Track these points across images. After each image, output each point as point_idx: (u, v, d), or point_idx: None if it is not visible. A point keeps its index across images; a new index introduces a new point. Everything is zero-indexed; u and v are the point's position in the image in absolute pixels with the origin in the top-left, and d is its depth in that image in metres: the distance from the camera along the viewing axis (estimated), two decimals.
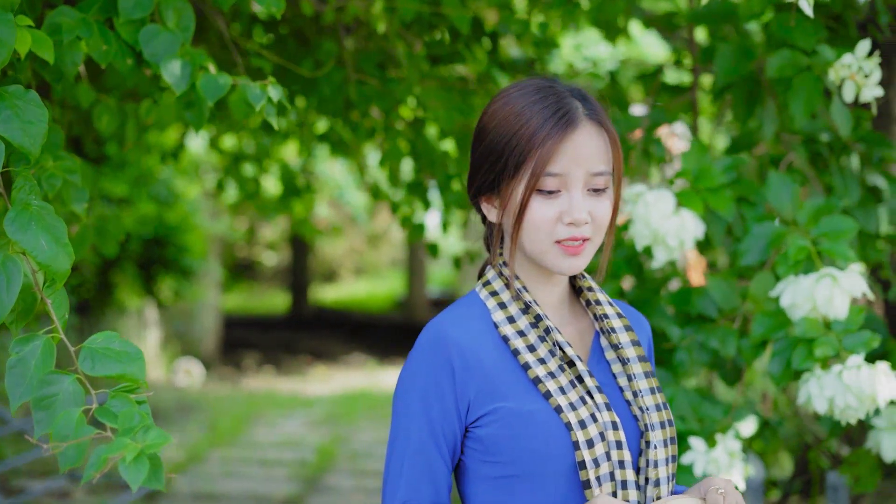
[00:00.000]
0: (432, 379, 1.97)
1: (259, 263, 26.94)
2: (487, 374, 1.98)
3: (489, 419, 1.97)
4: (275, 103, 2.39)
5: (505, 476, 1.97)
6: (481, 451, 1.99)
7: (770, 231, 3.01)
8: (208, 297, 15.25)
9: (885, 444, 3.23)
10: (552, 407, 1.96)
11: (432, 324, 2.02)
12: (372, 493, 8.32)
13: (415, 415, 1.98)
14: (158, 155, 6.49)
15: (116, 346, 1.75)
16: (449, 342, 1.98)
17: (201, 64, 2.34)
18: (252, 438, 10.48)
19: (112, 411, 1.66)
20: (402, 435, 2.00)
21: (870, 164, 3.70)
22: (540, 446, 1.95)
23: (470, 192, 2.09)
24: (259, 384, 14.15)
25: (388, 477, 2.01)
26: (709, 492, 1.97)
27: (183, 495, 8.18)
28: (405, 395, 2.00)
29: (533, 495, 1.97)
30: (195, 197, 12.71)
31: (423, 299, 20.83)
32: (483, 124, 2.05)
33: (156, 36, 2.33)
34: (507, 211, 2.02)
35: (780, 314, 2.88)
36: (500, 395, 1.97)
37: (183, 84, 2.31)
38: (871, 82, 3.08)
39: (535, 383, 1.98)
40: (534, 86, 2.04)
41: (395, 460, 2.00)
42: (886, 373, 2.70)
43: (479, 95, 4.10)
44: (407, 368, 2.02)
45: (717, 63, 3.33)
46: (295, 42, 4.34)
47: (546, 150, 1.95)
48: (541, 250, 2.01)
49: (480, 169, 2.04)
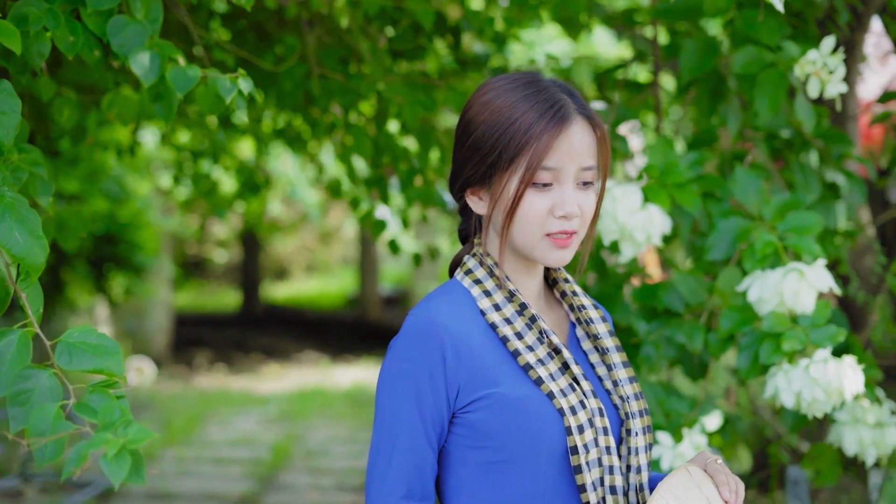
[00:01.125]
0: (425, 366, 1.95)
1: (210, 261, 26.77)
2: (477, 360, 1.98)
3: (481, 404, 1.96)
4: (245, 96, 2.37)
5: (492, 462, 1.97)
6: (469, 436, 1.98)
7: (736, 226, 3.02)
8: (160, 295, 15.12)
9: (847, 438, 3.26)
10: (544, 393, 1.97)
11: (420, 310, 2.00)
12: (328, 491, 8.29)
13: (406, 404, 1.96)
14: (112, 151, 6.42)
15: (93, 340, 1.72)
16: (440, 328, 1.96)
17: (170, 56, 2.32)
18: (206, 437, 10.41)
19: (91, 406, 1.64)
20: (391, 426, 1.97)
21: (828, 160, 3.73)
22: (533, 431, 1.96)
23: (456, 183, 2.08)
24: (211, 382, 14.06)
25: (377, 470, 1.97)
26: (708, 463, 2.05)
27: (137, 495, 8.10)
28: (394, 383, 1.97)
29: (520, 480, 1.97)
30: (147, 194, 12.60)
31: (375, 297, 20.78)
32: (471, 116, 2.03)
33: (124, 27, 2.30)
34: (498, 203, 2.01)
35: (747, 309, 2.90)
36: (491, 381, 1.97)
37: (152, 76, 2.28)
38: (836, 78, 3.10)
39: (525, 370, 1.99)
40: (522, 79, 2.05)
41: (384, 453, 1.97)
42: (853, 366, 2.73)
43: (442, 91, 4.08)
44: (395, 356, 1.99)
45: (682, 59, 3.33)
46: (254, 36, 4.31)
47: (542, 143, 1.96)
48: (531, 242, 2.02)
49: (469, 161, 2.03)
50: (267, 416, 11.59)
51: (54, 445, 1.59)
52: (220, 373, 14.98)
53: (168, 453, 9.52)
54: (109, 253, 11.44)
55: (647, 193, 3.02)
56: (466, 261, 2.09)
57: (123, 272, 11.83)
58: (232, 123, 5.80)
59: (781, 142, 3.72)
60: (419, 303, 2.05)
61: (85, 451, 1.52)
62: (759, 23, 3.17)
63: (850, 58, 4.91)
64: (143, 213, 11.69)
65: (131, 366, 13.16)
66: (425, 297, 2.07)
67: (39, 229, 1.76)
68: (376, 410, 2.00)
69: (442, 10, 3.96)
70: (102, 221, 11.05)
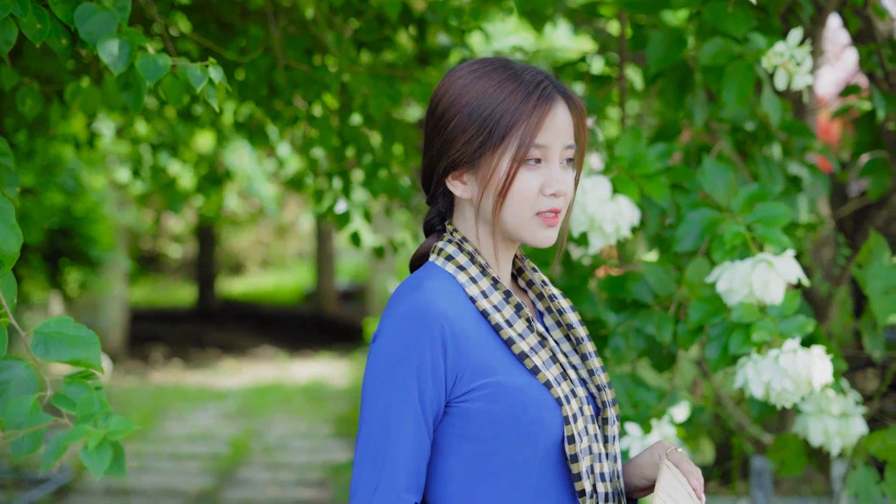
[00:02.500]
0: (426, 352, 1.90)
1: (165, 256, 26.59)
2: (474, 348, 1.94)
3: (478, 394, 1.92)
4: (216, 85, 2.34)
5: (485, 452, 1.94)
6: (462, 426, 1.94)
7: (705, 217, 3.03)
8: (115, 290, 14.99)
9: (812, 428, 3.28)
10: (541, 382, 1.95)
11: (414, 295, 1.95)
12: (288, 486, 8.26)
13: (407, 392, 1.89)
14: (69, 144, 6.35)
15: (70, 330, 1.68)
16: (439, 315, 1.91)
17: (139, 44, 2.28)
18: (163, 432, 10.34)
19: (69, 398, 1.61)
20: (391, 415, 1.89)
21: (791, 153, 3.75)
22: (533, 420, 1.93)
23: (436, 169, 2.04)
24: (167, 378, 13.97)
25: (376, 461, 1.89)
26: (670, 452, 2.06)
27: (95, 491, 8.04)
28: (391, 371, 1.91)
29: (513, 469, 1.95)
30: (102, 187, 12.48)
31: (332, 291, 20.73)
32: (451, 99, 2.00)
33: (92, 15, 2.26)
34: (489, 184, 1.98)
35: (716, 300, 2.90)
36: (488, 370, 1.93)
37: (121, 64, 2.25)
38: (803, 70, 3.12)
39: (520, 359, 1.96)
40: (498, 62, 2.03)
41: (385, 442, 1.89)
42: (821, 357, 2.74)
43: (407, 83, 4.07)
44: (391, 345, 1.92)
45: (650, 51, 3.34)
46: (216, 27, 4.27)
47: (533, 120, 1.95)
48: (521, 222, 2.00)
49: (453, 143, 1.99)
50: (225, 411, 11.53)
51: (31, 438, 1.57)
52: (176, 368, 14.88)
53: (125, 449, 9.42)
54: (64, 247, 11.33)
55: (616, 185, 3.02)
56: (444, 247, 2.04)
57: (78, 267, 11.72)
58: (192, 116, 5.75)
59: (745, 134, 3.73)
60: (405, 287, 1.99)
61: (65, 444, 1.50)
62: (726, 14, 3.17)
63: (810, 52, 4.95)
64: (99, 207, 11.58)
65: None
66: (409, 281, 2.01)
67: (13, 218, 1.73)
68: (369, 400, 1.93)
69: (407, 2, 3.94)
70: (57, 215, 10.93)
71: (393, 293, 2.00)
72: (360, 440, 1.92)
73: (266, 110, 4.69)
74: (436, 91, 2.06)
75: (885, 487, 3.43)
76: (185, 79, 2.31)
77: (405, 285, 2.00)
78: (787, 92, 4.35)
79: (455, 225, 2.08)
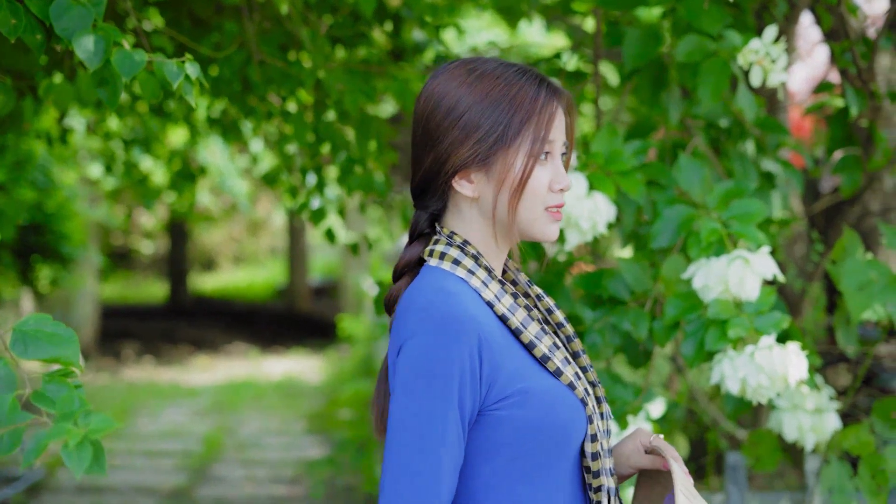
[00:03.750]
0: (466, 362, 1.85)
1: (137, 252, 26.47)
2: (504, 355, 1.91)
3: (511, 400, 1.90)
4: (192, 81, 2.33)
5: (517, 457, 1.92)
6: (496, 433, 1.91)
7: (680, 214, 3.03)
8: (86, 286, 14.92)
9: (787, 424, 3.30)
10: (564, 384, 1.96)
11: (445, 302, 1.89)
12: (262, 483, 8.24)
13: (449, 402, 1.84)
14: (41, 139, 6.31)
15: (49, 328, 1.67)
16: (474, 321, 1.87)
17: (115, 40, 2.27)
18: (135, 429, 10.30)
19: (48, 396, 1.60)
20: (433, 426, 1.84)
21: (765, 149, 3.77)
22: (565, 422, 1.94)
23: (444, 169, 1.98)
24: (139, 374, 13.92)
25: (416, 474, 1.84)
26: (653, 440, 2.13)
27: (67, 488, 8.01)
28: (433, 380, 1.85)
29: (545, 472, 1.95)
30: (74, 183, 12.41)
31: (304, 288, 20.70)
32: (457, 98, 1.96)
33: (67, 10, 2.25)
34: (505, 181, 1.96)
35: (692, 296, 2.91)
36: (518, 376, 1.91)
37: (97, 60, 2.23)
38: (778, 67, 3.13)
39: (542, 361, 1.96)
40: (492, 60, 2.02)
41: (425, 454, 1.84)
42: (797, 353, 2.75)
43: (383, 79, 4.06)
44: (430, 352, 1.86)
45: (625, 48, 3.34)
46: (190, 23, 4.25)
47: (544, 116, 1.96)
48: (532, 218, 2.00)
49: (464, 143, 1.95)
50: (197, 407, 11.50)
51: (10, 436, 1.55)
52: (148, 365, 14.83)
53: None
54: (35, 243, 11.26)
55: (592, 181, 3.02)
56: (446, 250, 1.99)
57: (50, 263, 11.65)
58: (165, 111, 5.73)
59: (719, 131, 3.75)
60: (427, 292, 1.93)
61: (45, 442, 1.49)
62: (701, 12, 3.19)
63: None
64: (70, 203, 11.52)
65: None
66: (426, 286, 1.95)
67: None
68: (406, 408, 1.86)
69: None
70: (28, 211, 10.86)
71: (411, 298, 1.94)
72: (396, 449, 1.86)
73: (240, 106, 4.68)
74: (432, 91, 2.02)
75: (858, 482, 3.45)
76: (162, 75, 2.30)
77: (424, 290, 1.94)
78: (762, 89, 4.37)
79: (451, 227, 2.04)
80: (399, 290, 2.04)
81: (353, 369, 12.34)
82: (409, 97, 3.95)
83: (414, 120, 2.05)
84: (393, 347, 1.94)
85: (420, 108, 2.03)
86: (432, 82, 2.03)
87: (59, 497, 7.77)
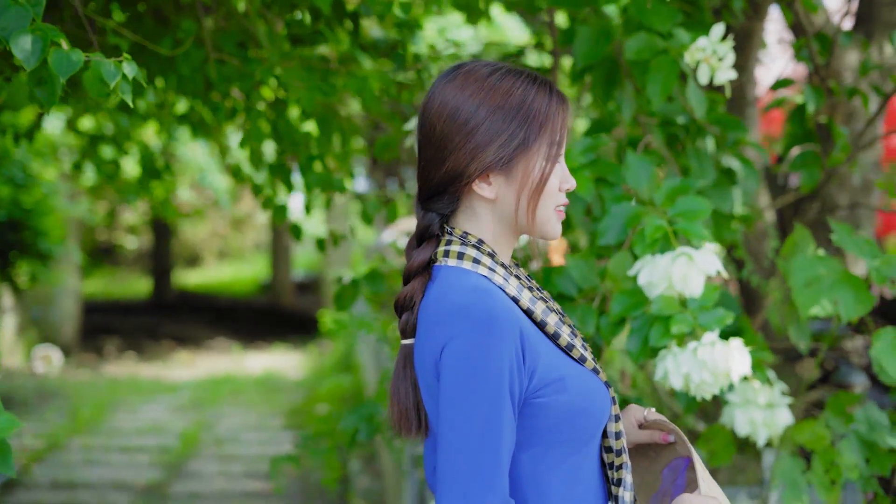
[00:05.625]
0: (513, 357, 1.92)
1: (121, 247, 26.45)
2: (539, 347, 2.00)
3: (550, 388, 1.98)
4: (129, 80, 2.33)
5: (555, 443, 2.01)
6: (537, 421, 1.99)
7: (628, 211, 3.05)
8: (68, 283, 14.90)
9: (738, 418, 3.33)
10: (589, 369, 2.07)
11: (483, 300, 1.95)
12: (236, 478, 8.26)
13: (502, 400, 1.91)
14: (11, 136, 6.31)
15: None
16: (513, 317, 1.94)
17: (53, 39, 2.27)
18: (114, 425, 10.31)
19: None
20: (491, 424, 1.90)
21: (724, 146, 3.79)
22: (597, 405, 2.05)
23: (466, 172, 2.03)
24: (121, 370, 13.93)
25: (479, 472, 1.89)
26: (646, 414, 2.27)
27: (41, 484, 8.01)
28: (485, 379, 1.90)
29: (579, 454, 2.05)
30: (53, 179, 12.40)
31: (287, 283, 20.72)
32: (478, 103, 2.02)
33: (5, 10, 2.25)
34: (526, 182, 2.05)
35: (637, 293, 2.93)
36: (552, 366, 2.00)
37: (33, 60, 2.24)
38: (725, 65, 3.15)
39: (567, 350, 2.05)
40: (499, 64, 2.09)
41: (486, 452, 1.89)
42: (739, 349, 2.77)
43: (342, 76, 4.06)
44: (477, 352, 1.91)
45: (577, 45, 3.36)
46: (153, 20, 4.25)
47: (559, 118, 2.06)
48: (546, 217, 2.09)
49: (490, 146, 2.01)
50: (177, 403, 11.51)
51: None
52: (129, 361, 14.83)
53: (74, 442, 9.42)
54: (13, 240, 11.25)
55: None
56: (463, 250, 2.05)
57: (28, 259, 11.64)
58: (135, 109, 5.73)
59: (679, 128, 3.76)
60: (459, 292, 1.98)
61: None
62: (651, 10, 3.21)
63: (749, 45, 5.00)
64: (48, 199, 11.51)
65: (38, 354, 12.97)
66: (455, 286, 2.00)
67: None
68: (459, 410, 1.91)
69: None
70: (6, 207, 10.86)
71: (445, 299, 1.99)
72: (457, 447, 1.91)
73: (203, 102, 4.68)
74: (445, 98, 2.06)
75: (810, 477, 3.48)
76: (99, 74, 2.31)
77: (457, 290, 1.99)
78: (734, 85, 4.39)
79: (463, 227, 2.10)
80: (415, 291, 2.07)
81: (333, 365, 12.36)
82: (368, 94, 3.96)
83: (426, 125, 2.08)
84: (430, 349, 1.98)
85: (434, 113, 2.06)
86: (445, 88, 2.07)
87: (33, 493, 7.77)
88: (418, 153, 2.12)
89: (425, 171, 2.09)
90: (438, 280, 2.03)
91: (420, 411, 2.07)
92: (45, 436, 9.55)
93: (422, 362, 2.00)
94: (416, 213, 2.13)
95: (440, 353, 1.94)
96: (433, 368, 1.97)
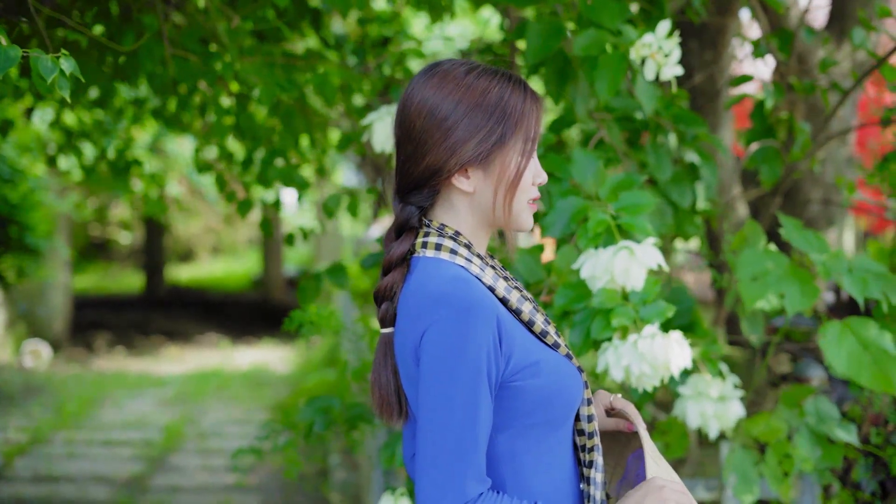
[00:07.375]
0: (490, 344, 1.99)
1: (114, 243, 26.45)
2: (514, 333, 2.06)
3: (527, 372, 2.05)
4: (67, 76, 2.36)
5: (529, 426, 2.08)
6: (513, 404, 2.06)
7: (573, 206, 3.08)
8: (57, 278, 14.90)
9: (690, 411, 3.36)
10: (562, 354, 2.14)
11: (461, 288, 2.01)
12: (217, 472, 8.29)
13: (480, 386, 1.98)
14: None
15: None
16: (490, 304, 2.02)
17: None
18: (99, 419, 10.34)
19: None
20: (468, 410, 1.97)
21: (684, 141, 3.82)
22: (571, 389, 2.12)
23: (446, 167, 2.10)
24: (110, 365, 13.94)
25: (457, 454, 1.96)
26: (613, 400, 2.36)
27: (22, 478, 8.04)
28: (462, 365, 1.97)
29: (555, 437, 2.13)
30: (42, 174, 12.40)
31: (279, 278, 20.74)
32: (458, 99, 2.09)
33: None
34: (503, 176, 2.11)
35: (581, 286, 2.96)
36: (527, 351, 2.06)
37: None
38: (671, 61, 3.18)
39: (541, 336, 2.13)
40: (474, 63, 2.15)
41: (466, 433, 1.97)
42: (679, 341, 2.79)
43: (305, 72, 4.09)
44: (455, 339, 1.98)
45: (528, 41, 3.38)
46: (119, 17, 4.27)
47: (534, 114, 2.12)
48: (520, 209, 2.15)
49: (469, 142, 2.08)
50: (163, 398, 11.53)
51: None
52: (119, 355, 14.85)
53: (58, 436, 9.45)
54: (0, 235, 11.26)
55: None
56: (441, 241, 2.12)
57: (15, 254, 11.65)
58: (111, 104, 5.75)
59: (639, 123, 3.79)
60: (436, 282, 2.04)
61: None
62: (599, 6, 3.24)
63: (721, 41, 5.03)
64: (35, 194, 11.51)
65: (26, 348, 13.00)
66: (433, 275, 2.06)
67: None
68: (437, 394, 1.98)
69: None
70: None
71: (423, 288, 2.05)
72: (436, 431, 1.97)
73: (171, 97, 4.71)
74: (424, 95, 2.12)
75: (763, 469, 3.51)
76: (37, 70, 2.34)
77: (435, 279, 2.05)
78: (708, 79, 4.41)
79: (440, 220, 2.16)
80: (395, 282, 2.14)
81: (320, 359, 12.38)
82: (329, 90, 3.99)
83: (405, 122, 2.14)
84: (410, 336, 2.05)
85: (413, 111, 2.12)
86: (423, 87, 2.13)
87: (14, 486, 7.79)
88: (397, 149, 2.18)
89: (405, 167, 2.15)
90: (417, 270, 2.10)
91: (401, 397, 2.15)
92: (30, 430, 9.58)
93: (402, 349, 2.07)
94: (394, 207, 2.19)
95: (420, 339, 2.01)
96: (413, 355, 2.04)
